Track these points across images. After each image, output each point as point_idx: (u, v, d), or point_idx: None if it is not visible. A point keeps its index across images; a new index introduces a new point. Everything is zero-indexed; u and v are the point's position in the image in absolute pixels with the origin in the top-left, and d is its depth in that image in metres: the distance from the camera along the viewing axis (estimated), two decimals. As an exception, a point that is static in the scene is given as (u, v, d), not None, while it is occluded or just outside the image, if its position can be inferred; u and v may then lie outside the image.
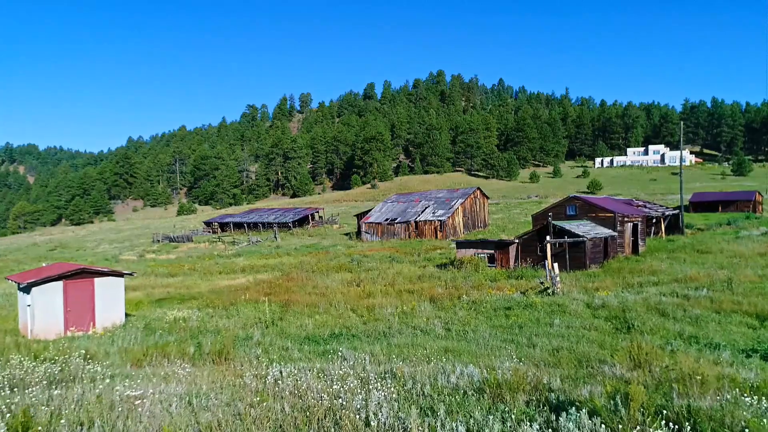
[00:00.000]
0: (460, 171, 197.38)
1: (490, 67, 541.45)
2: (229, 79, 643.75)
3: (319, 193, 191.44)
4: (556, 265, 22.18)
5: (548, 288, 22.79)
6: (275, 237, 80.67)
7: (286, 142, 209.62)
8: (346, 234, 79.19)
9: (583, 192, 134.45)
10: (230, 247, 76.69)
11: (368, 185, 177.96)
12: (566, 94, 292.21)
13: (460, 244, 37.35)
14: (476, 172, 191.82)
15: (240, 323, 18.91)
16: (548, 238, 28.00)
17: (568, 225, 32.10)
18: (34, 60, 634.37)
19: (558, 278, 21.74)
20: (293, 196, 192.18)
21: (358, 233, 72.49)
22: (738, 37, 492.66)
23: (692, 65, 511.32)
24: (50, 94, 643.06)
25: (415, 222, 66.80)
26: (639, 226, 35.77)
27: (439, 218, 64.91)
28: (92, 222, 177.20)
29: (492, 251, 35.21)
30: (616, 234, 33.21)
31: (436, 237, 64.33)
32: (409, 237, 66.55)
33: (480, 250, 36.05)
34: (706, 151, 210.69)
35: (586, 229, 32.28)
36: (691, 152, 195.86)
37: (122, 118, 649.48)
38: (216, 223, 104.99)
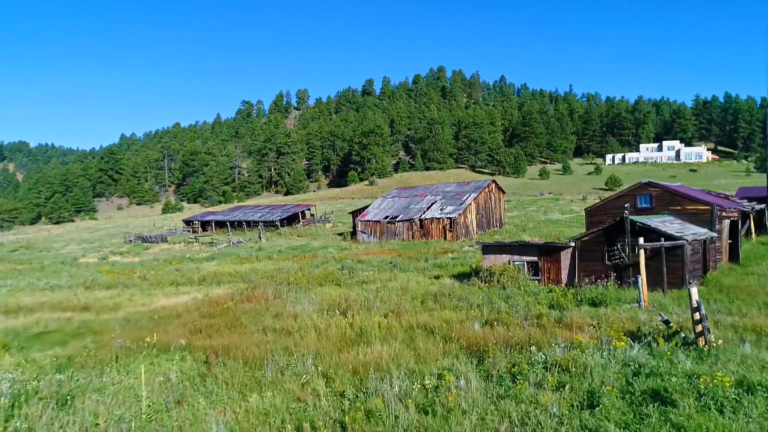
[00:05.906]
0: (463, 167, 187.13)
1: (492, 64, 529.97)
2: (225, 76, 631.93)
3: (314, 191, 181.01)
4: (694, 289, 12.10)
5: (678, 331, 12.79)
6: (259, 237, 70.89)
7: (280, 137, 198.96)
8: (340, 234, 69.45)
9: (601, 189, 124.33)
10: (207, 248, 67.33)
11: (366, 182, 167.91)
12: (570, 90, 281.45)
13: (488, 248, 27.36)
14: (481, 169, 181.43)
15: (80, 426, 8.88)
16: (641, 240, 18.03)
17: (651, 222, 22.12)
18: (25, 56, 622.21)
19: (705, 314, 11.72)
20: (287, 193, 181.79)
21: (354, 233, 62.58)
22: (744, 32, 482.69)
23: (700, 61, 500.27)
24: (42, 91, 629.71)
25: (420, 220, 56.80)
26: (737, 225, 25.85)
27: (449, 215, 54.90)
28: (73, 221, 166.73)
29: (535, 258, 25.24)
30: (715, 235, 23.26)
31: (445, 237, 54.37)
32: (413, 237, 56.59)
33: (517, 257, 26.10)
34: (720, 148, 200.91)
35: (676, 227, 22.31)
36: (707, 149, 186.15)
37: (116, 116, 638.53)
38: (197, 222, 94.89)
